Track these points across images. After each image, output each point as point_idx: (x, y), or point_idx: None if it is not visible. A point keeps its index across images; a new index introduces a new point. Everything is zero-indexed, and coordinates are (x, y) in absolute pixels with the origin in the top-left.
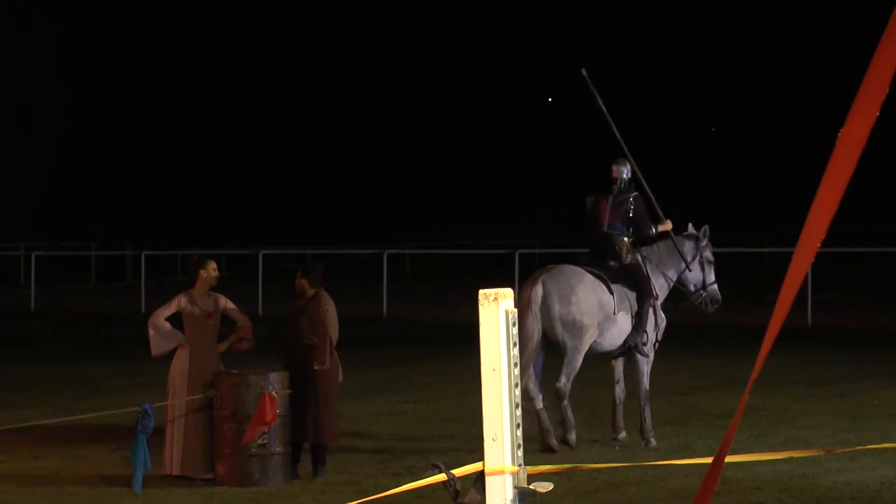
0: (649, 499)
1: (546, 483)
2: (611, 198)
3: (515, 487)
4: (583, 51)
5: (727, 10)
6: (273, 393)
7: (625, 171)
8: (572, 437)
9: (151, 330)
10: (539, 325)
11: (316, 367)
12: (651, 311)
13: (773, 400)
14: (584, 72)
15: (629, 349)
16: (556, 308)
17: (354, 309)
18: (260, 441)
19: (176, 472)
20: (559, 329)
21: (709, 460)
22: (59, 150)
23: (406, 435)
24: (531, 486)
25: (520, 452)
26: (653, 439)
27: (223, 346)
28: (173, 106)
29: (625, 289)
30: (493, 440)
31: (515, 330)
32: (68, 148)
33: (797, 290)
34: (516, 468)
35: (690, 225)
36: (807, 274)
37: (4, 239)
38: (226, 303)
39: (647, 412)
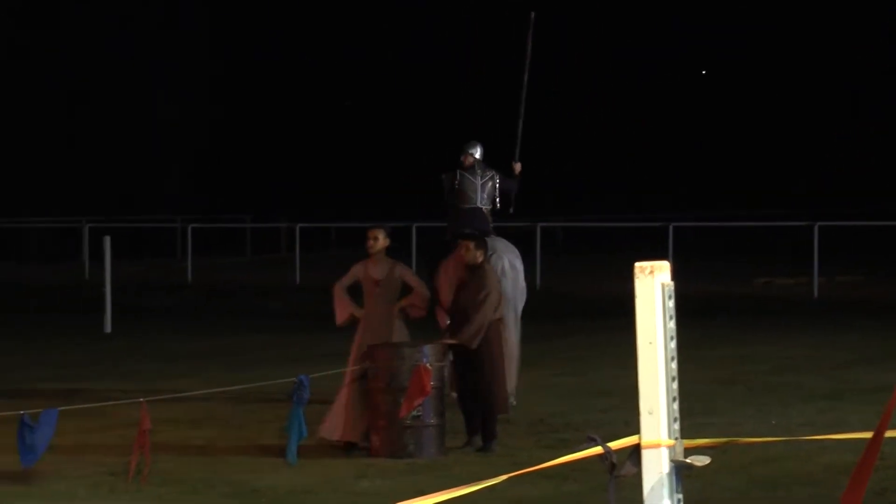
0: (804, 474)
1: (703, 457)
2: (478, 177)
3: (672, 461)
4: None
5: None
6: (427, 365)
7: (477, 153)
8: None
9: (335, 299)
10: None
11: (446, 339)
12: None
13: None
14: (532, 15)
15: None
16: (520, 279)
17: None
18: (414, 413)
19: (337, 436)
20: (520, 297)
21: (866, 435)
22: (213, 124)
23: (560, 408)
24: (688, 460)
25: (676, 426)
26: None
27: (396, 310)
28: (329, 78)
29: None
30: (650, 413)
31: (672, 303)
32: (223, 121)
33: None
34: (672, 442)
35: None
36: None
37: (161, 211)
38: (402, 271)
39: None
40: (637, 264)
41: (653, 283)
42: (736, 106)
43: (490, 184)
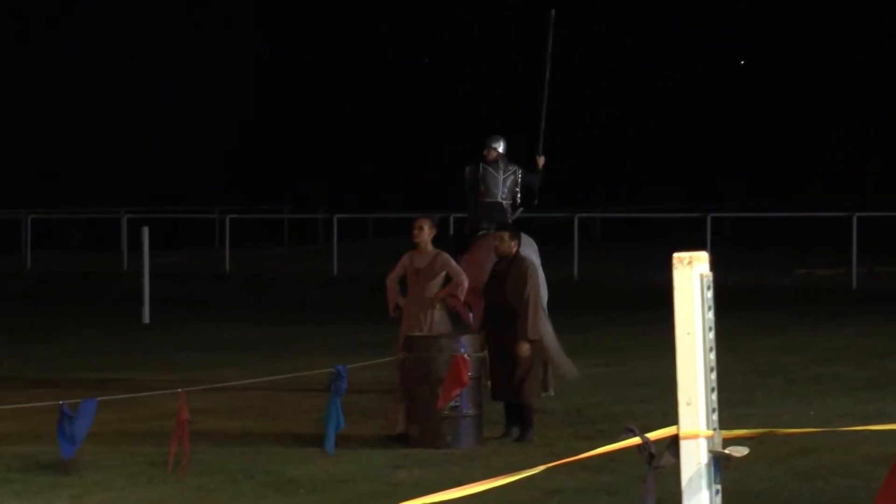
0: (844, 465)
1: (741, 448)
2: (500, 172)
3: (710, 451)
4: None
5: None
6: (465, 355)
7: (500, 147)
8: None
9: (387, 292)
10: None
11: (522, 345)
12: None
13: None
14: (552, 12)
15: None
16: (540, 272)
17: (545, 272)
18: (452, 403)
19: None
20: (542, 291)
21: None
22: (252, 114)
23: (597, 399)
24: (726, 451)
25: (714, 416)
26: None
27: (435, 300)
28: (367, 69)
29: None
30: (688, 404)
31: (710, 293)
32: (261, 112)
33: None
34: (711, 432)
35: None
36: None
37: (199, 202)
38: (444, 261)
39: None
40: (676, 255)
41: (691, 274)
42: (774, 96)
43: (512, 178)
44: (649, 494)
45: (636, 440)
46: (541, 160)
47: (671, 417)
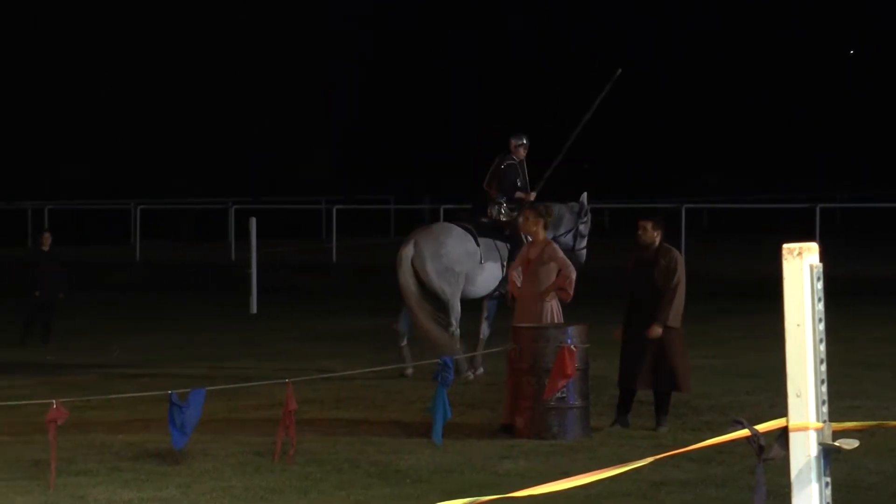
0: None
1: (851, 440)
2: (496, 164)
3: (820, 444)
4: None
5: None
6: (571, 346)
7: (514, 142)
8: (480, 370)
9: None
10: (413, 280)
11: (655, 328)
12: None
13: None
14: (619, 71)
15: (500, 295)
16: (429, 263)
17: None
18: (559, 394)
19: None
20: (435, 280)
21: None
22: (357, 105)
23: (704, 390)
24: (836, 443)
25: (824, 409)
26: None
27: (546, 293)
28: (469, 58)
29: (495, 241)
30: (798, 396)
31: (820, 285)
32: (367, 102)
33: None
34: (821, 424)
35: (585, 195)
36: None
37: (306, 193)
38: (552, 251)
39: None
40: (785, 246)
41: (801, 265)
42: (884, 86)
43: (501, 174)
44: (759, 487)
45: (745, 432)
46: (528, 195)
47: (779, 409)
